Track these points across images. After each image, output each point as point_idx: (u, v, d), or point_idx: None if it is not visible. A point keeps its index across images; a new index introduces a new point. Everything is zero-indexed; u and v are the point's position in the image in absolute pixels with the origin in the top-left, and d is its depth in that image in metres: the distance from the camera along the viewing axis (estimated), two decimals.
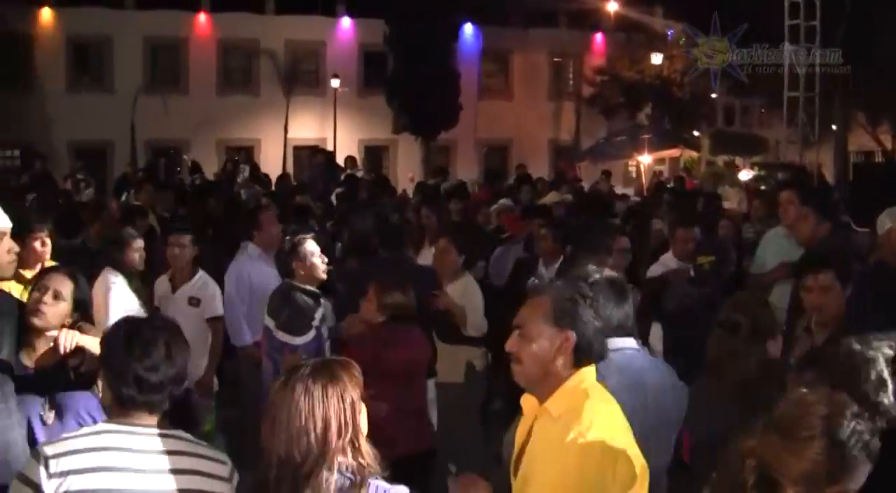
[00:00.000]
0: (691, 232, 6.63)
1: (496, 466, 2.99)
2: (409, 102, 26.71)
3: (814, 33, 17.09)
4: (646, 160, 17.87)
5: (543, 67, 32.43)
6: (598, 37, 32.65)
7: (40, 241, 5.18)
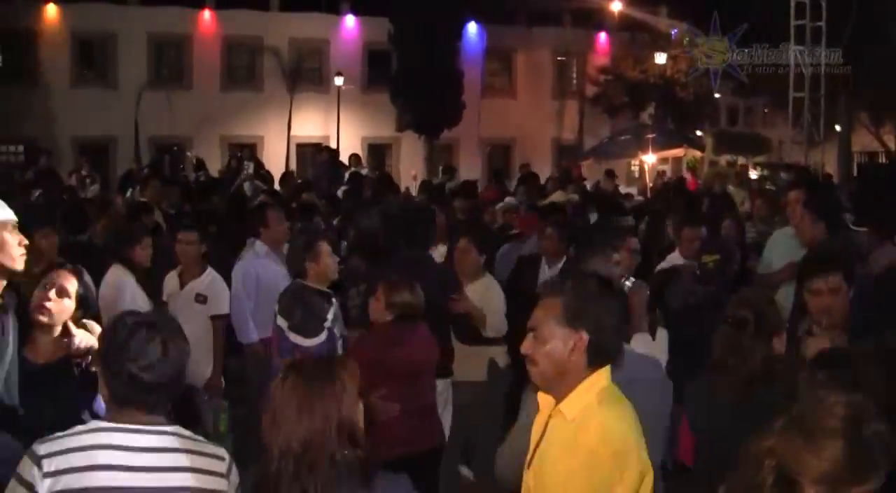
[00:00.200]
0: (698, 231, 6.62)
1: None
2: (412, 101, 26.70)
3: (819, 34, 17.06)
4: (650, 160, 17.83)
5: (547, 66, 32.38)
6: (602, 36, 32.62)
7: (47, 238, 5.18)
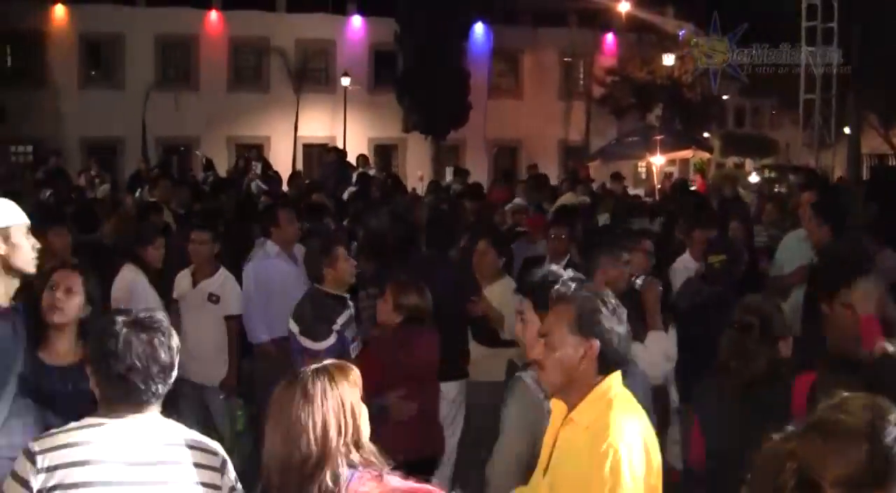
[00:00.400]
0: (710, 234, 6.60)
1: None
2: (419, 101, 26.74)
3: (830, 35, 17.01)
4: (658, 161, 17.79)
5: (554, 67, 32.41)
6: (609, 37, 32.61)
7: (60, 236, 5.20)
